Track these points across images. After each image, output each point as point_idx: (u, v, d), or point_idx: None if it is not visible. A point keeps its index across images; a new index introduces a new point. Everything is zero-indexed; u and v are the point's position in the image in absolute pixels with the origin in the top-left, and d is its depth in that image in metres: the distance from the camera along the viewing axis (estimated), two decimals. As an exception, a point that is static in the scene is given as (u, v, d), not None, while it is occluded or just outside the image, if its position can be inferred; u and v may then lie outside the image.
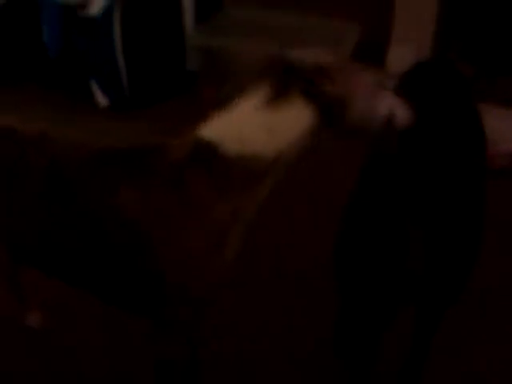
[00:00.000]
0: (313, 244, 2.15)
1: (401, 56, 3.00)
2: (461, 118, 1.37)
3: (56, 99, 3.15)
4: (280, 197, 2.21)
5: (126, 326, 1.78)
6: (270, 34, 3.22)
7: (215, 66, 3.27)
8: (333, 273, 1.31)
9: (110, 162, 1.12)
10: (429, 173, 1.20)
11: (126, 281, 1.14)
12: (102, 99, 3.13)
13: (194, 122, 1.12)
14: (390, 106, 1.10)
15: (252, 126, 1.04)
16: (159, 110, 3.08)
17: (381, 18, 3.13)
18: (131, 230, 1.08)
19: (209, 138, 1.06)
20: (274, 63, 1.09)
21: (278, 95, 1.03)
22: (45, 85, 3.27)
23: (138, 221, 1.07)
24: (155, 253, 1.08)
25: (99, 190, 1.10)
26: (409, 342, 1.51)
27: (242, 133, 1.05)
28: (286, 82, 1.03)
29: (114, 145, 1.16)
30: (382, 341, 1.31)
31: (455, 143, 1.27)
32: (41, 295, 1.86)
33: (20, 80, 3.32)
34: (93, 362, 1.72)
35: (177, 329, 1.20)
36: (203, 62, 3.29)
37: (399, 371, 1.57)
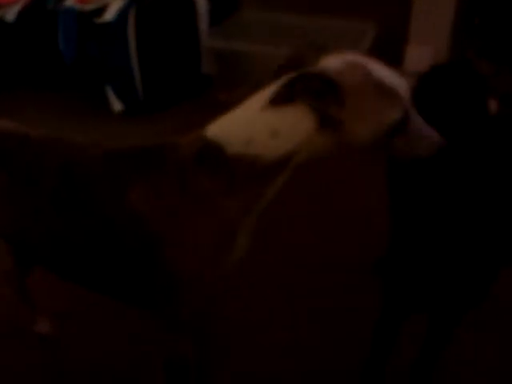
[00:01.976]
0: (325, 247, 2.15)
1: (419, 55, 2.97)
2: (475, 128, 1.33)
3: (71, 105, 3.17)
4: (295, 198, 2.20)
5: (135, 332, 1.78)
6: (286, 37, 3.20)
7: (230, 69, 3.26)
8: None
9: (121, 161, 1.13)
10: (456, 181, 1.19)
11: (136, 278, 1.16)
12: (116, 104, 3.13)
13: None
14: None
15: (256, 127, 1.04)
16: (174, 114, 3.09)
17: (398, 17, 3.09)
18: (141, 227, 1.09)
19: (214, 137, 1.07)
20: (290, 64, 1.07)
21: (284, 100, 1.02)
22: (60, 91, 3.28)
23: (147, 218, 1.08)
24: (164, 250, 1.09)
25: (111, 188, 1.11)
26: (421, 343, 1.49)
27: (246, 133, 1.05)
28: (293, 89, 1.00)
29: (125, 145, 1.17)
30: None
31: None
32: (50, 303, 1.86)
33: (36, 87, 3.34)
34: (101, 369, 1.72)
35: (185, 327, 1.21)
36: (218, 65, 3.28)
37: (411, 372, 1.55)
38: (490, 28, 3.02)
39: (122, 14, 2.96)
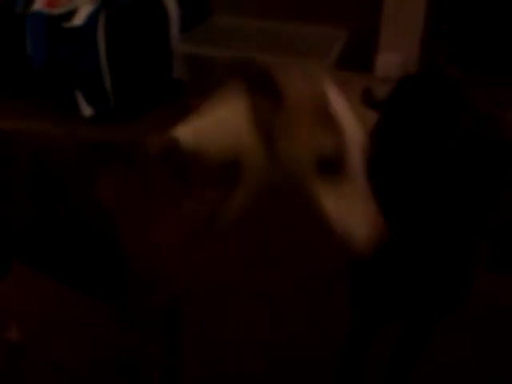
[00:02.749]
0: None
1: (389, 61, 2.99)
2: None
3: (41, 110, 3.11)
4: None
5: (104, 338, 1.75)
6: (257, 43, 3.20)
7: (202, 75, 3.25)
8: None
9: (93, 152, 1.15)
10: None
11: (97, 269, 1.17)
12: (86, 109, 3.09)
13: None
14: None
15: (210, 130, 1.06)
16: (144, 119, 3.06)
17: (369, 24, 3.12)
18: (105, 219, 1.10)
19: (176, 137, 1.09)
20: (242, 72, 1.07)
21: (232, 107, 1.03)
22: (29, 96, 3.23)
23: (111, 211, 1.10)
24: (124, 245, 1.10)
25: (81, 178, 1.13)
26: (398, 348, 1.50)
27: (202, 136, 1.07)
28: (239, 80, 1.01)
29: (95, 139, 1.18)
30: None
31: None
32: (17, 309, 1.83)
33: (4, 92, 3.28)
34: (69, 376, 1.70)
35: (148, 324, 1.21)
36: (189, 71, 3.26)
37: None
38: (458, 34, 3.07)
39: (92, 19, 2.92)
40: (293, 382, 1.70)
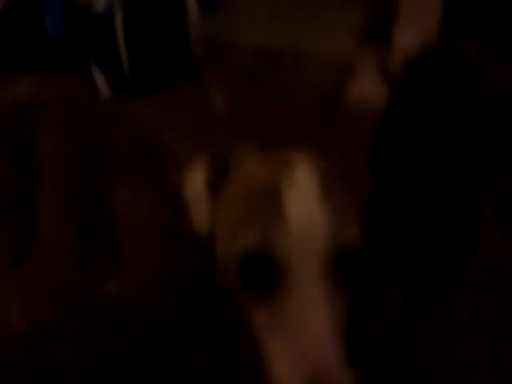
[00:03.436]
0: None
1: (407, 39, 2.96)
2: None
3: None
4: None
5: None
6: (275, 25, 3.19)
7: (219, 56, 3.24)
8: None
9: (129, 159, 1.08)
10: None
11: None
12: (103, 83, 3.10)
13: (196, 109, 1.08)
14: None
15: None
16: (160, 98, 3.05)
17: (387, 3, 3.09)
18: (113, 227, 1.06)
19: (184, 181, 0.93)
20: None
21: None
22: (46, 70, 3.24)
23: (118, 223, 1.05)
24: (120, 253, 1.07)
25: (113, 177, 1.10)
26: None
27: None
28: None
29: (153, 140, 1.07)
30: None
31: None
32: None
33: (22, 66, 3.30)
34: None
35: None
36: (206, 52, 3.26)
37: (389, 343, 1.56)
38: (479, 11, 3.03)
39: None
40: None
